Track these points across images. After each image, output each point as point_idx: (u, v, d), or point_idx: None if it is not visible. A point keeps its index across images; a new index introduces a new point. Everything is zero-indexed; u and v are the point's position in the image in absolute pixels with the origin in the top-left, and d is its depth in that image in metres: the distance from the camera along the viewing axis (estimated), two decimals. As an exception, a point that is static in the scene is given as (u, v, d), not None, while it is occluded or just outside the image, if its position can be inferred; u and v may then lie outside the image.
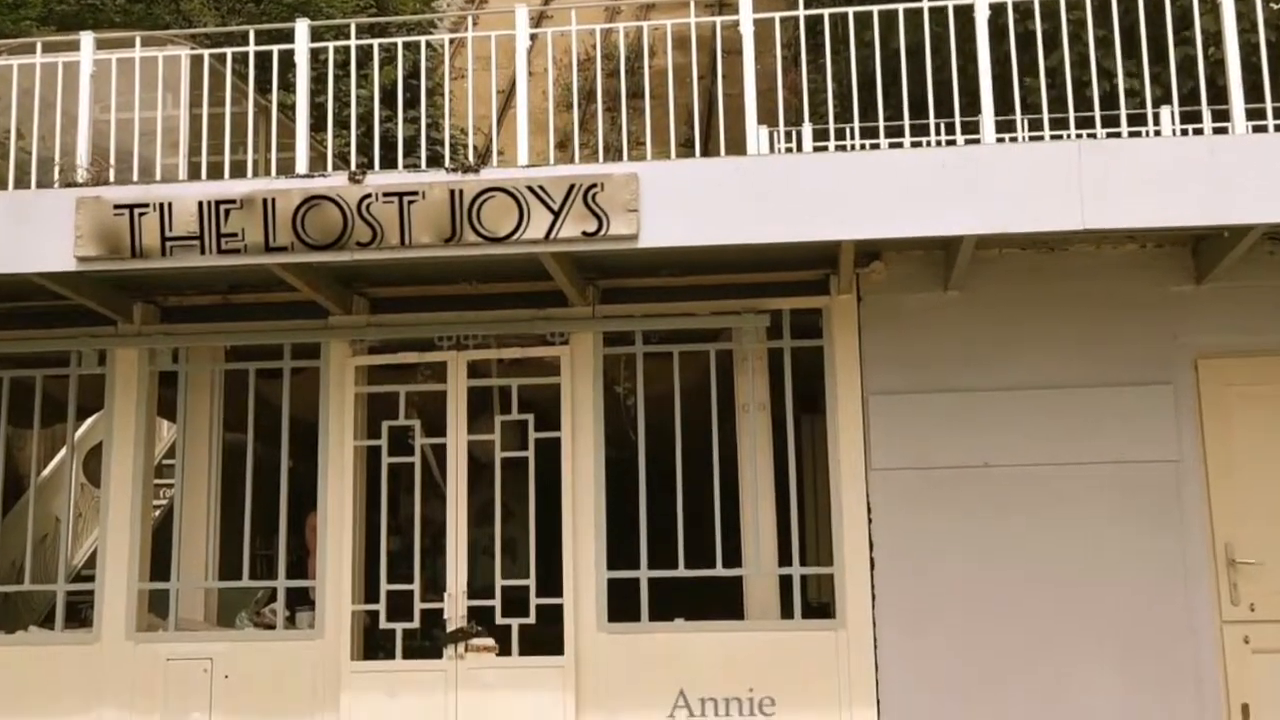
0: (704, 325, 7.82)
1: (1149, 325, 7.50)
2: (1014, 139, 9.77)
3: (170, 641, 7.85)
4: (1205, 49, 8.65)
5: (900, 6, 8.16)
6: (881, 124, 8.93)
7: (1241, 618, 7.26)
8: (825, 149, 10.57)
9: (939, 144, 9.98)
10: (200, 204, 6.92)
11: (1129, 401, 7.41)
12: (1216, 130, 9.02)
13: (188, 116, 8.72)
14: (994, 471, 7.43)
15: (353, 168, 7.54)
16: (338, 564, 7.77)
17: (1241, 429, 7.43)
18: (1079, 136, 8.35)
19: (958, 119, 8.05)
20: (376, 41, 8.76)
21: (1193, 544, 7.30)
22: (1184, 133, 9.79)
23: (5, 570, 9.91)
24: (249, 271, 7.41)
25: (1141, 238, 7.48)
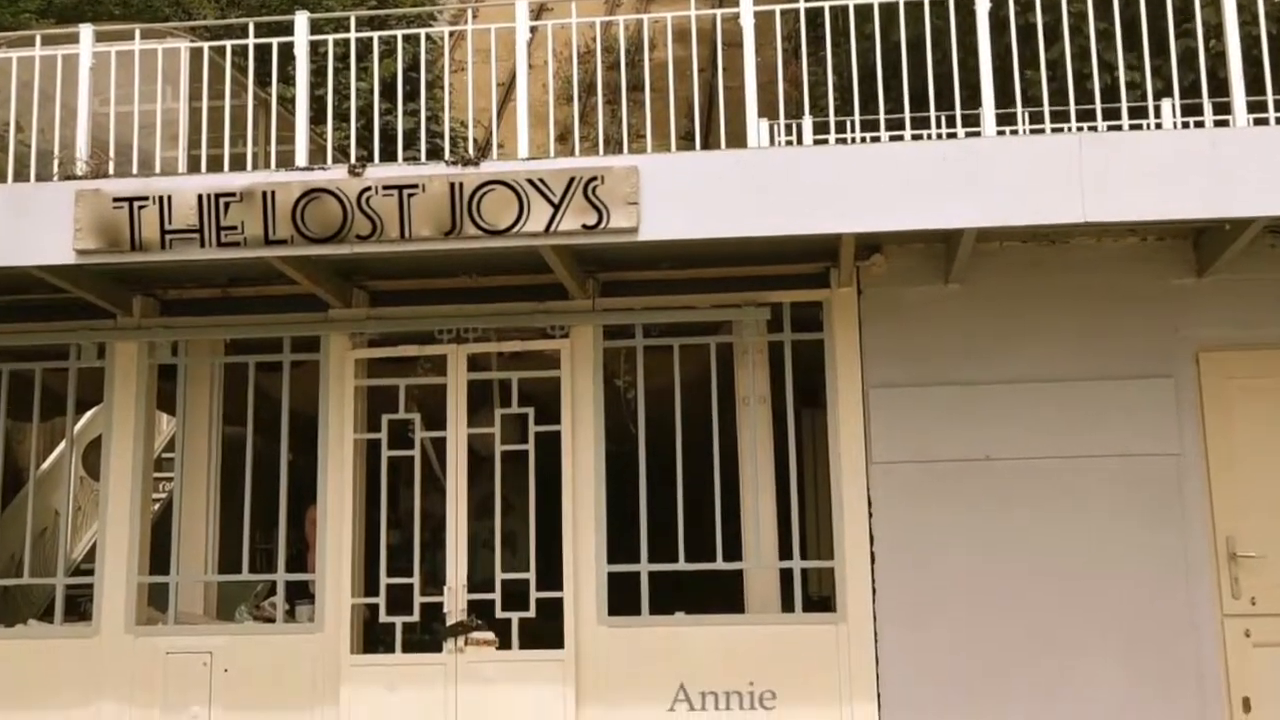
0: (704, 318, 7.80)
1: (1150, 318, 7.50)
2: (1015, 132, 9.73)
3: (170, 635, 7.84)
4: (1206, 41, 8.62)
5: (901, -1, 8.15)
6: (882, 117, 8.90)
7: (1243, 611, 7.26)
8: (826, 142, 10.55)
9: (939, 137, 9.95)
10: (200, 197, 6.92)
11: (1130, 395, 7.40)
12: (1218, 123, 8.99)
13: (187, 109, 8.72)
14: (995, 465, 7.42)
15: (352, 161, 7.52)
16: (337, 557, 7.77)
17: (1243, 422, 7.43)
18: (1080, 129, 8.36)
19: (958, 112, 8.04)
20: (376, 34, 8.73)
21: (1194, 538, 7.30)
22: (1185, 125, 9.78)
23: (4, 564, 9.92)
24: (248, 264, 7.40)
25: (1142, 230, 7.46)
